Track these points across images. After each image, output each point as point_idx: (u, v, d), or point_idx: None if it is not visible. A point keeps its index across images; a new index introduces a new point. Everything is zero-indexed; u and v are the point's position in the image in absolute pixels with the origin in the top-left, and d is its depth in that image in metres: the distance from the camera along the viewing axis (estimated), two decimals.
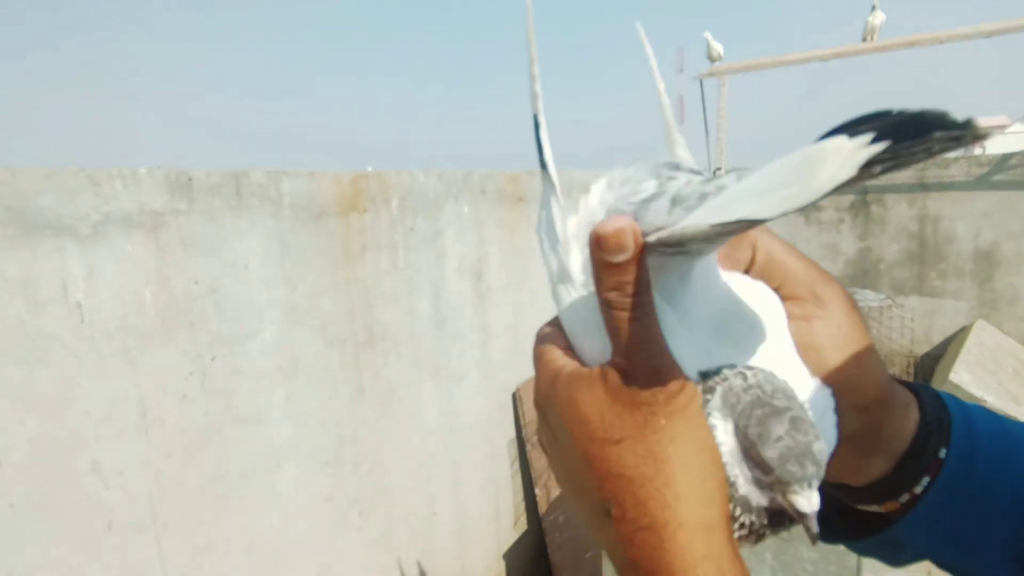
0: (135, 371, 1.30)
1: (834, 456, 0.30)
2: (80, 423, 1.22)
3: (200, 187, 1.40)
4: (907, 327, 2.81)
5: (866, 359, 0.32)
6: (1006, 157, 3.25)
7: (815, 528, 0.28)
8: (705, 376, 0.29)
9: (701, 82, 4.17)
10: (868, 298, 2.97)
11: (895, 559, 0.38)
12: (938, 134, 0.18)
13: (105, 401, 1.26)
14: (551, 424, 0.31)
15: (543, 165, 0.33)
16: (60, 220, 1.17)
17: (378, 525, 1.98)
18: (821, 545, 1.39)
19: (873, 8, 3.75)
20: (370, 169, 1.90)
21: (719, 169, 4.37)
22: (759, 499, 0.29)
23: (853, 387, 0.32)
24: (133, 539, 1.31)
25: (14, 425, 1.13)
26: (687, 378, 0.28)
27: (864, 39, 3.29)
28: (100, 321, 1.24)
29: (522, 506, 2.69)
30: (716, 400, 0.28)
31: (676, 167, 0.32)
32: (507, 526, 2.63)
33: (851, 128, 0.20)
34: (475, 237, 2.32)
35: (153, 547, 1.35)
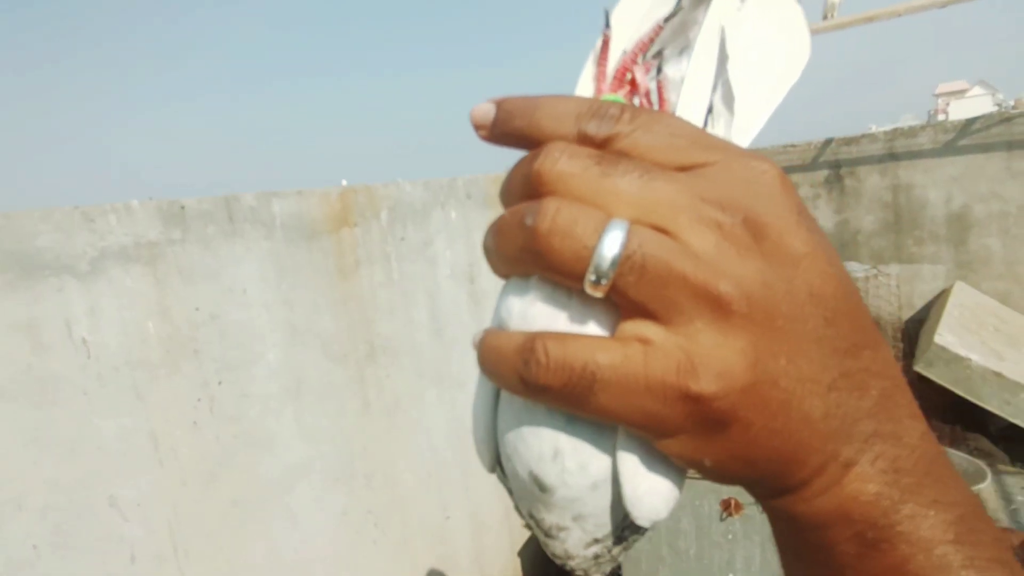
0: (144, 404, 1.31)
1: None
2: (95, 460, 1.23)
3: (193, 215, 1.41)
4: (893, 294, 2.90)
5: None
6: (970, 122, 3.35)
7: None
8: None
9: None
10: (854, 269, 3.06)
11: None
12: None
13: (117, 436, 1.26)
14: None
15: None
16: (59, 260, 1.18)
17: (395, 535, 2.00)
18: None
19: None
20: (344, 183, 1.92)
21: None
22: None
23: None
24: (156, 570, 1.32)
25: (30, 468, 1.13)
26: None
27: (824, 17, 3.37)
28: (106, 357, 1.24)
29: None
30: None
31: None
32: (519, 524, 2.66)
33: None
34: (465, 242, 2.34)
35: None
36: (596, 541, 0.24)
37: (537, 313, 0.20)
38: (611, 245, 0.18)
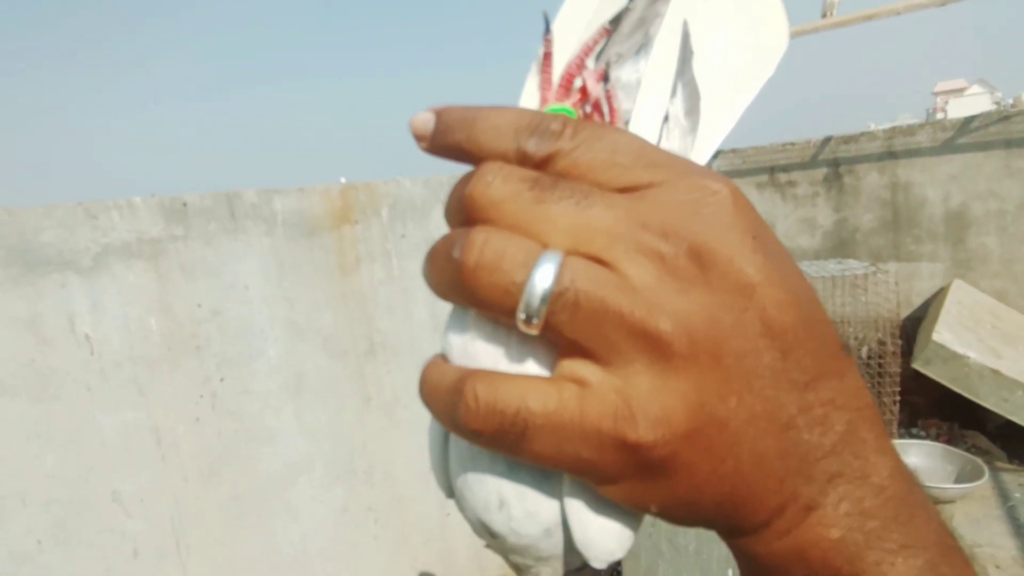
0: (147, 399, 1.31)
1: None
2: (97, 455, 1.23)
3: (195, 211, 1.41)
4: (892, 291, 2.91)
5: None
6: (968, 120, 3.36)
7: None
8: None
9: None
10: (853, 267, 3.06)
11: None
12: None
13: (120, 431, 1.27)
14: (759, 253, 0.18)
15: None
16: (61, 255, 1.18)
17: (394, 531, 2.00)
18: None
19: None
20: (343, 180, 1.92)
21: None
22: None
23: None
24: (159, 565, 1.32)
25: (33, 462, 1.14)
26: None
27: (823, 15, 3.37)
28: (108, 352, 1.25)
29: None
30: None
31: None
32: None
33: None
34: None
35: (179, 571, 1.36)
36: (571, 572, 0.23)
37: (474, 348, 0.19)
38: (542, 280, 0.16)
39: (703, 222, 0.17)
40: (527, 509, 0.20)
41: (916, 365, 2.57)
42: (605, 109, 0.24)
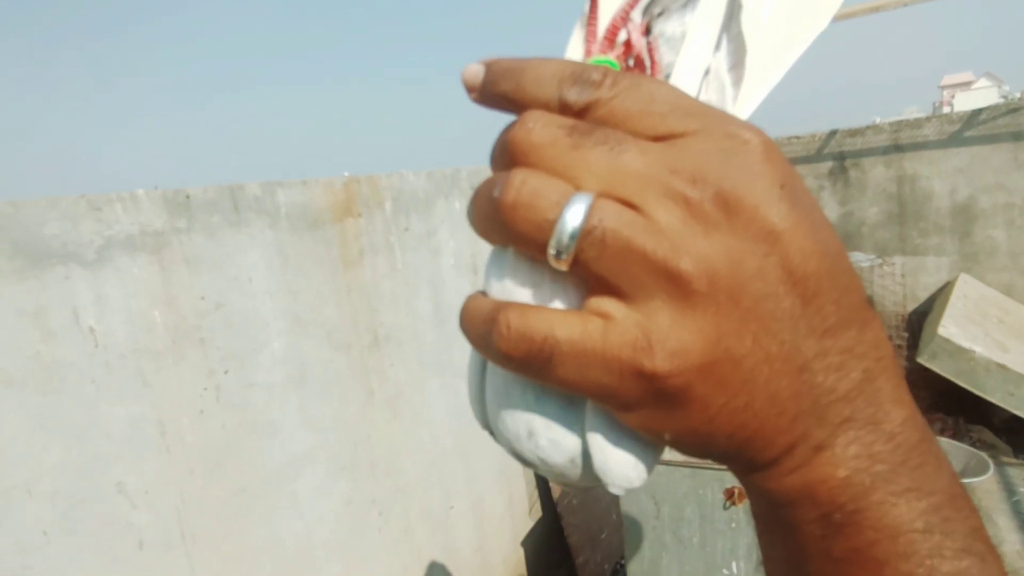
0: (151, 391, 1.32)
1: None
2: (102, 446, 1.24)
3: (198, 204, 1.41)
4: (898, 284, 2.89)
5: None
6: (975, 113, 3.33)
7: None
8: None
9: None
10: (859, 259, 3.05)
11: None
12: None
13: (125, 423, 1.27)
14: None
15: None
16: (65, 248, 1.18)
17: (398, 524, 2.01)
18: None
19: None
20: (345, 175, 1.92)
21: None
22: None
23: None
24: (164, 556, 1.33)
25: (39, 453, 1.15)
26: None
27: None
28: (113, 345, 1.25)
29: (535, 494, 2.74)
30: None
31: None
32: (522, 514, 2.68)
33: None
34: (468, 233, 2.34)
35: (184, 562, 1.36)
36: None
37: (510, 285, 0.20)
38: (572, 218, 0.17)
39: (732, 170, 0.18)
40: (552, 439, 0.22)
41: (921, 359, 2.56)
42: (647, 61, 0.24)
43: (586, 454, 0.22)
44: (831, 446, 0.19)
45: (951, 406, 3.45)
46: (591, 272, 0.18)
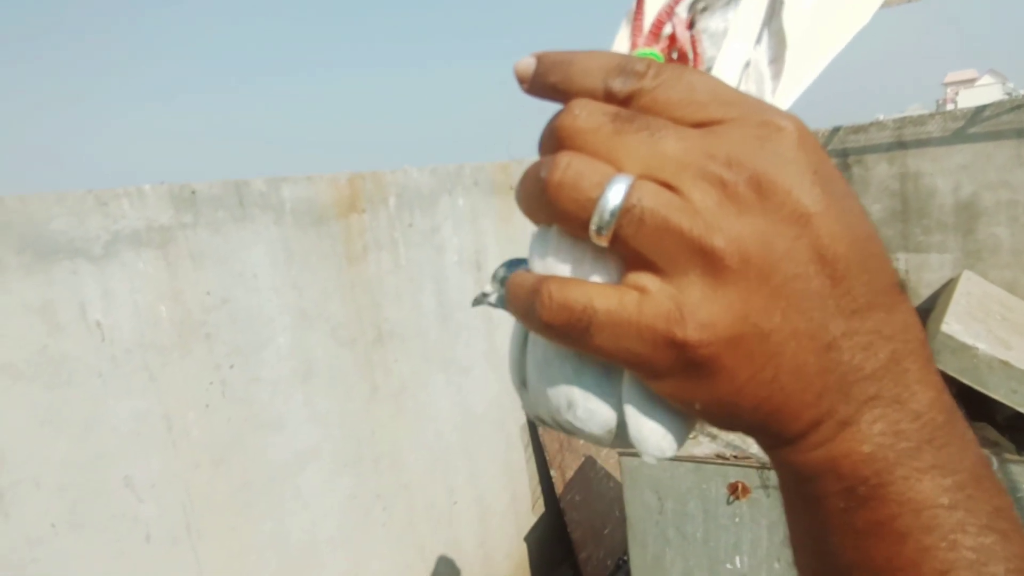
0: (157, 386, 1.32)
1: None
2: (109, 441, 1.24)
3: (203, 199, 1.42)
4: (904, 279, 2.90)
5: None
6: (979, 110, 3.32)
7: None
8: None
9: None
10: None
11: None
12: None
13: (131, 417, 1.28)
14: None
15: None
16: (72, 243, 1.19)
17: (402, 519, 2.02)
18: None
19: None
20: (348, 173, 1.92)
21: None
22: None
23: None
24: (171, 549, 1.34)
25: (47, 447, 1.15)
26: None
27: None
28: (120, 339, 1.26)
29: (538, 489, 2.74)
30: None
31: None
32: (525, 510, 2.68)
33: None
34: (472, 228, 2.34)
35: (191, 556, 1.37)
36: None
37: (553, 261, 0.22)
38: (613, 197, 0.19)
39: (766, 155, 0.19)
40: (590, 409, 0.23)
41: None
42: (690, 54, 0.26)
43: (622, 424, 0.23)
44: (856, 422, 0.20)
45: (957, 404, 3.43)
46: (629, 248, 0.20)
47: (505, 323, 2.53)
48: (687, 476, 1.61)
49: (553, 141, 0.21)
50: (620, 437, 0.24)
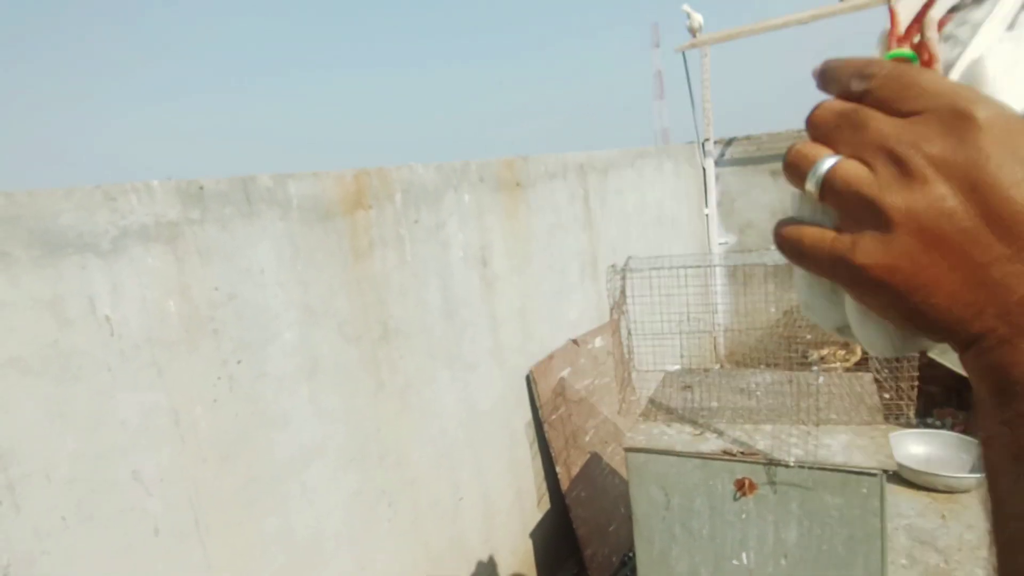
0: (165, 381, 1.33)
1: None
2: (117, 435, 1.25)
3: (211, 195, 1.42)
4: None
5: None
6: None
7: None
8: None
9: (684, 54, 4.17)
10: None
11: None
12: None
13: (139, 412, 1.28)
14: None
15: None
16: (81, 238, 1.19)
17: (407, 515, 2.02)
18: (845, 490, 1.44)
19: None
20: (354, 169, 1.92)
21: (707, 140, 4.40)
22: None
23: None
24: (179, 543, 1.34)
25: (56, 441, 1.16)
26: None
27: None
28: (128, 334, 1.26)
29: (544, 486, 2.75)
30: None
31: None
32: (530, 506, 2.69)
33: None
34: (477, 225, 2.34)
35: (199, 550, 1.38)
36: None
37: (795, 211, 0.32)
38: (819, 169, 0.28)
39: (949, 139, 0.25)
40: (820, 312, 0.34)
41: (932, 354, 2.54)
42: (934, 54, 0.33)
43: (847, 326, 0.33)
44: (1013, 339, 0.25)
45: (961, 401, 3.43)
46: (834, 204, 0.29)
47: (508, 321, 2.53)
48: (693, 472, 1.61)
49: (807, 129, 0.30)
50: (849, 335, 0.33)
